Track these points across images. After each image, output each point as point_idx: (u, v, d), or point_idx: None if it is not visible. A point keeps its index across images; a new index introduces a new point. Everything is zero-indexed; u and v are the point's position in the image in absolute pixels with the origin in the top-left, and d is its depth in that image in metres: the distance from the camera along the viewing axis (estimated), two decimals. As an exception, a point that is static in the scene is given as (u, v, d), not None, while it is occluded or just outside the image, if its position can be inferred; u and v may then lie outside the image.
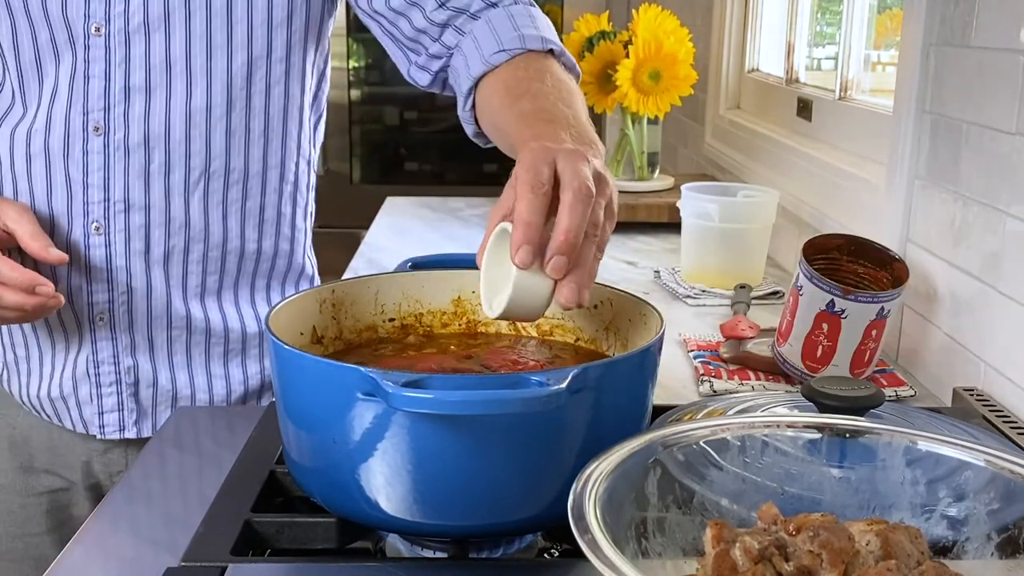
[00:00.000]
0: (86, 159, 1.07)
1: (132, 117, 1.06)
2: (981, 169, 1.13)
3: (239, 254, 1.16)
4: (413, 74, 1.15)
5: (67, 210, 1.09)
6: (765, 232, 1.63)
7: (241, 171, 1.12)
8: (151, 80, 1.06)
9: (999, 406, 1.08)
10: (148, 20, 1.04)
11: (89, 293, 1.11)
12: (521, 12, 1.08)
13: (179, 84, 1.07)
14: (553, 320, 0.97)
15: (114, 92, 1.05)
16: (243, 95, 1.10)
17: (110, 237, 1.09)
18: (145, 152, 1.07)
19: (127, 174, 1.07)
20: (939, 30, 1.23)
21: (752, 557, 0.58)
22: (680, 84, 2.04)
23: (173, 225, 1.10)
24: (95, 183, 1.07)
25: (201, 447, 1.07)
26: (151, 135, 1.07)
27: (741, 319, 1.36)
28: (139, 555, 0.82)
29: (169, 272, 1.12)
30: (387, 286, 0.97)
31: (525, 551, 0.82)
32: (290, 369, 0.77)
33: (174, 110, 1.07)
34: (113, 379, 1.15)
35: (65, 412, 1.18)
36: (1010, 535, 0.64)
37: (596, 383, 0.72)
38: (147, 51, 1.05)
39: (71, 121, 1.06)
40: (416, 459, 0.71)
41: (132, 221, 1.09)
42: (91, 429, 1.17)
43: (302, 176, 1.21)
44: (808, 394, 0.84)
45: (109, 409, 1.16)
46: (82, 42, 1.04)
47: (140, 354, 1.15)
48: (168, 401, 1.17)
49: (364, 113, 3.67)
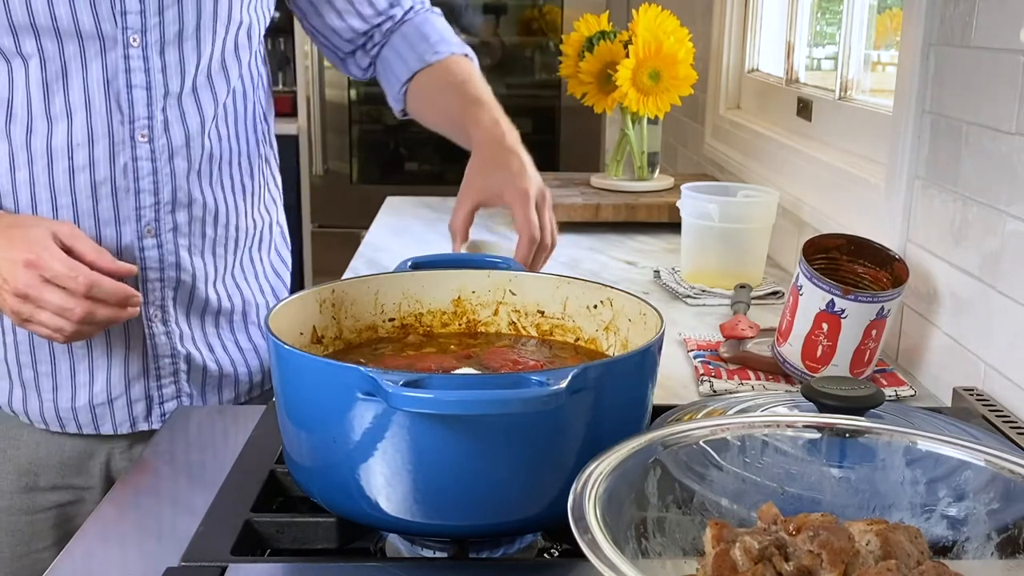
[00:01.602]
0: (135, 165, 1.10)
1: (173, 122, 1.12)
2: (981, 169, 1.13)
3: (245, 230, 1.24)
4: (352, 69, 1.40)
5: (114, 217, 1.11)
6: (765, 232, 1.63)
7: (247, 156, 1.22)
8: (184, 86, 1.12)
9: (999, 406, 1.08)
10: (182, 31, 1.10)
11: (144, 293, 1.14)
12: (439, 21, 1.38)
13: (205, 87, 1.14)
14: (553, 320, 0.97)
15: (156, 100, 1.10)
16: (252, 90, 1.21)
17: (161, 237, 1.13)
18: (187, 153, 1.14)
19: (173, 175, 1.13)
20: (939, 30, 1.23)
21: (752, 557, 0.58)
22: (680, 84, 2.04)
23: (209, 215, 1.18)
24: (146, 188, 1.11)
25: (201, 447, 1.07)
26: (190, 136, 1.14)
27: (741, 319, 1.36)
28: (139, 555, 0.82)
29: (206, 259, 1.19)
30: (387, 286, 0.97)
31: (525, 551, 0.82)
32: (290, 369, 0.77)
33: (205, 111, 1.15)
34: (171, 370, 1.19)
35: (107, 416, 1.18)
36: (1010, 535, 0.64)
37: (596, 383, 0.72)
38: (181, 59, 1.11)
39: (114, 131, 1.09)
40: (416, 459, 0.71)
41: (179, 218, 1.14)
42: (139, 425, 1.19)
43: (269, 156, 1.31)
44: (808, 394, 0.84)
45: (169, 398, 1.20)
46: (120, 52, 1.08)
47: (188, 341, 1.19)
48: (214, 381, 1.23)
49: (364, 113, 3.67)
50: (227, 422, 1.10)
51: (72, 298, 0.99)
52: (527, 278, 0.98)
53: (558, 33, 3.41)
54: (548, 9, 3.56)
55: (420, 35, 1.34)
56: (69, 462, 1.21)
